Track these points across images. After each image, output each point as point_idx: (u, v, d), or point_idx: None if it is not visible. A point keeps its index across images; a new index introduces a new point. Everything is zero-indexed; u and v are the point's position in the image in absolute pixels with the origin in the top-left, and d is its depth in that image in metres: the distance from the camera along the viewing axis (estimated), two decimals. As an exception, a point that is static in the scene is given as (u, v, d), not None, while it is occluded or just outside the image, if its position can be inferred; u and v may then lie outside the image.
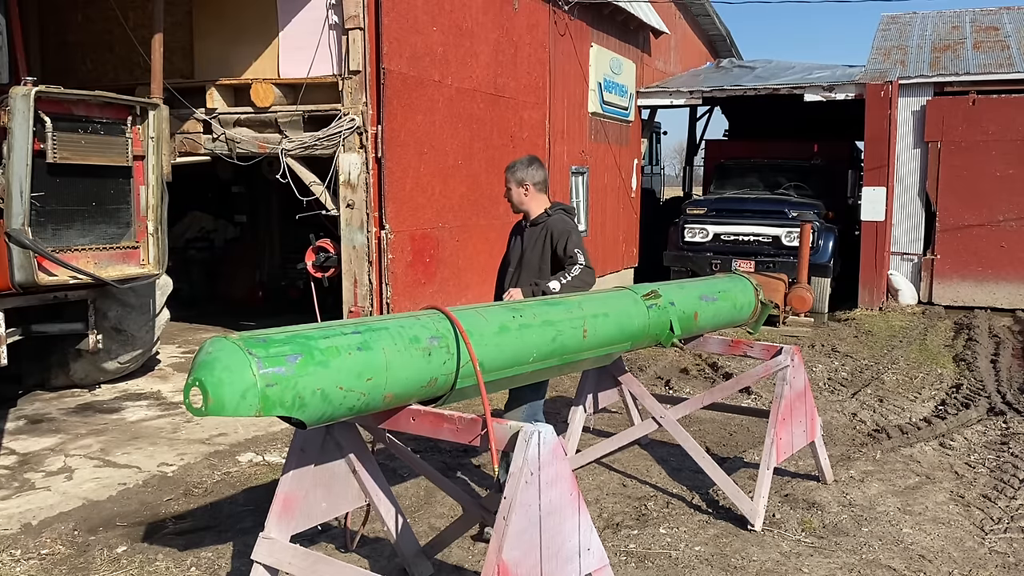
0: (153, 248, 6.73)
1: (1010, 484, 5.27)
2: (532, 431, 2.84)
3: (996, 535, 4.58)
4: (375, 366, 2.88)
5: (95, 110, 6.25)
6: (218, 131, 8.37)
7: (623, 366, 5.28)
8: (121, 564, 4.15)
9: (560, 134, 11.66)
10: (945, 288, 12.73)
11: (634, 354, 8.76)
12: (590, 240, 12.86)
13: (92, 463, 5.66)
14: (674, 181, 31.73)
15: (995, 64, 12.98)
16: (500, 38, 9.95)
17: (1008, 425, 6.56)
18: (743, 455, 5.90)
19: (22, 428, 6.43)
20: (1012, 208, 12.26)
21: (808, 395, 5.16)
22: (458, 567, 4.10)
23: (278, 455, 5.71)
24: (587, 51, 12.49)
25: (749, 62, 17.54)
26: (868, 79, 12.78)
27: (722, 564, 4.20)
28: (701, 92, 14.32)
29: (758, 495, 4.67)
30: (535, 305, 3.78)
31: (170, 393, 7.42)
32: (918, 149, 12.79)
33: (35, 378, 7.42)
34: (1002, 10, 15.61)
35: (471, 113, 9.43)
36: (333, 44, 8.00)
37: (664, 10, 15.40)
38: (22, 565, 4.13)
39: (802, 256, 11.18)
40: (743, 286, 5.32)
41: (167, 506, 4.92)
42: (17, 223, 5.67)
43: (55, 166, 5.92)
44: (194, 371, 2.64)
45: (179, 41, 8.71)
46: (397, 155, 8.16)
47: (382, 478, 3.67)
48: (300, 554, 3.34)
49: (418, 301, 8.50)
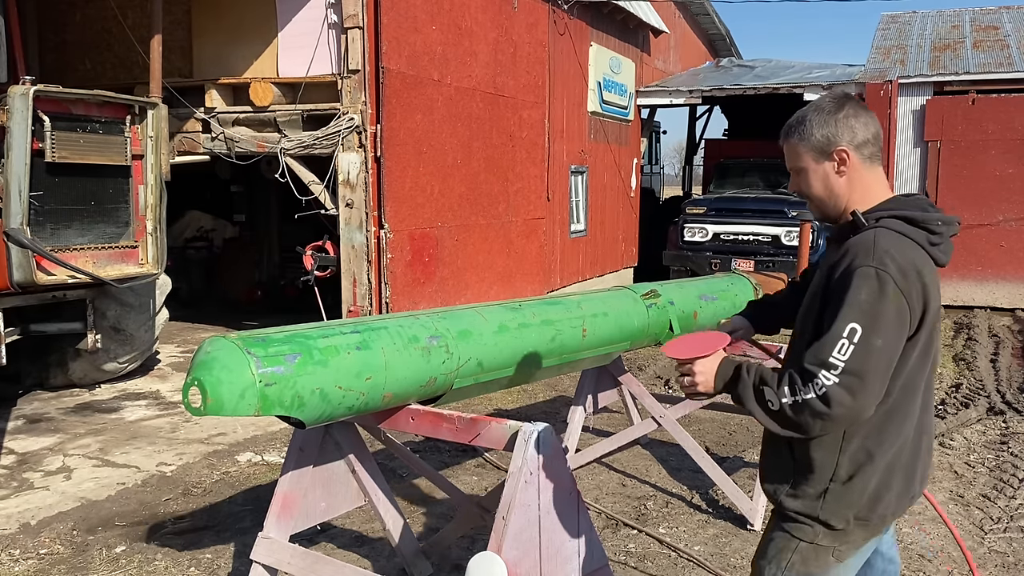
0: (152, 247, 6.72)
1: (1009, 484, 5.27)
2: (532, 431, 2.84)
3: (995, 535, 4.57)
4: (374, 365, 2.87)
5: (94, 109, 6.24)
6: (217, 130, 8.36)
7: (623, 366, 5.28)
8: (120, 564, 4.14)
9: (559, 133, 11.65)
10: (945, 287, 12.71)
11: (634, 353, 8.76)
12: (589, 240, 12.87)
13: (91, 463, 5.65)
14: (674, 180, 31.75)
15: (995, 63, 12.98)
16: (499, 37, 9.94)
17: (1008, 425, 6.55)
18: (743, 455, 5.90)
19: (21, 428, 6.42)
20: (1012, 208, 12.26)
21: (808, 395, 5.14)
22: (458, 567, 4.09)
23: (277, 455, 5.70)
24: (586, 50, 12.48)
25: (749, 61, 17.54)
26: (868, 78, 12.78)
27: (722, 564, 4.20)
28: (701, 91, 14.31)
29: (757, 495, 4.66)
30: (534, 304, 3.77)
31: (169, 393, 7.41)
32: (918, 148, 12.78)
33: (34, 378, 7.41)
34: (1002, 9, 15.60)
35: (470, 112, 9.42)
36: (332, 43, 8.00)
37: (664, 9, 15.39)
38: (21, 565, 4.13)
39: (802, 255, 11.15)
40: (743, 285, 5.32)
41: (166, 506, 4.91)
42: (16, 222, 5.66)
43: (54, 165, 5.92)
44: (193, 371, 2.64)
45: (178, 40, 8.70)
46: (396, 154, 8.16)
47: (381, 478, 3.67)
48: (299, 554, 3.33)
49: (417, 300, 8.50)
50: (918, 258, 2.02)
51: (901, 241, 2.02)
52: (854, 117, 2.12)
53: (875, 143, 2.15)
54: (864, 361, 1.93)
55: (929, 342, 2.08)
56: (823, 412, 1.94)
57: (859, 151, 2.12)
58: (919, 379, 2.10)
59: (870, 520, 2.11)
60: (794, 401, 1.97)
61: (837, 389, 1.92)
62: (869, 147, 2.13)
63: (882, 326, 1.94)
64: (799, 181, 2.22)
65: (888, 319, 1.94)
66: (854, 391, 1.92)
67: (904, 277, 1.96)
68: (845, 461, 2.08)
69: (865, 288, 1.95)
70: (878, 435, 2.08)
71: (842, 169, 2.13)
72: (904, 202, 2.12)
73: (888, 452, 2.09)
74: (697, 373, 2.15)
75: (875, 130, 2.15)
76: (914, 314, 1.99)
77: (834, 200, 2.16)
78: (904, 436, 2.11)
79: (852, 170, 2.13)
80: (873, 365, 1.93)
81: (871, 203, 2.12)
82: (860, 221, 2.08)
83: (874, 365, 1.94)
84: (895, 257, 1.97)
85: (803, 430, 2.00)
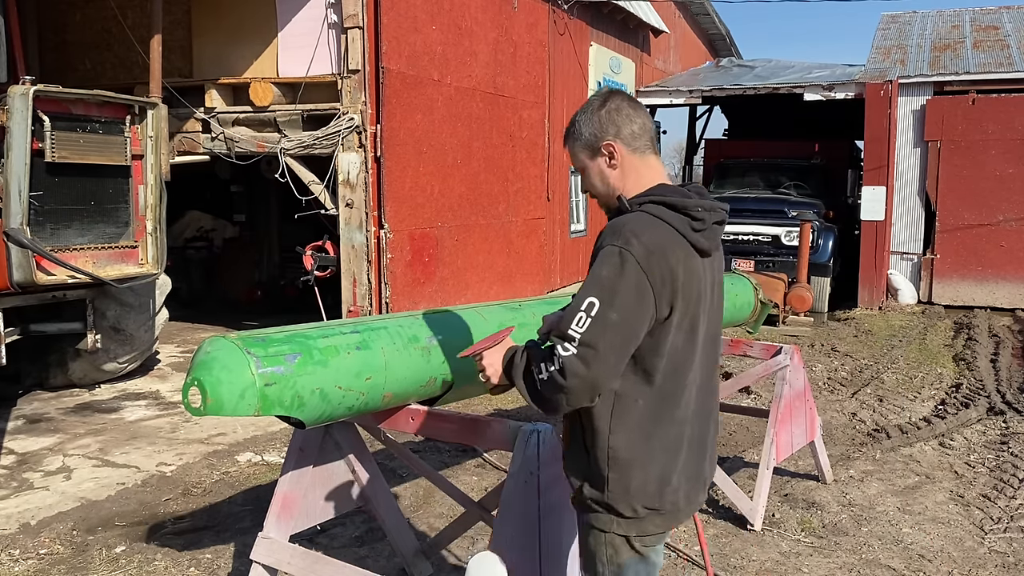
0: (152, 247, 6.72)
1: (1010, 484, 5.26)
2: (531, 431, 2.83)
3: (996, 535, 4.57)
4: (374, 365, 2.87)
5: (94, 109, 6.24)
6: (217, 130, 8.36)
7: (623, 365, 5.26)
8: (120, 564, 4.14)
9: (559, 133, 11.63)
10: (945, 287, 12.72)
11: (633, 353, 8.74)
12: (589, 240, 12.86)
13: (91, 463, 5.65)
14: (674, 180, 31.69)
15: (995, 63, 12.98)
16: (499, 37, 9.94)
17: (1008, 425, 6.55)
18: (743, 455, 5.90)
19: (21, 428, 6.42)
20: (1012, 208, 12.25)
21: (808, 395, 5.15)
22: (458, 567, 4.09)
23: (277, 455, 5.70)
24: (586, 50, 12.49)
25: (749, 61, 17.54)
26: (868, 78, 12.77)
27: (722, 564, 4.20)
28: (701, 91, 14.31)
29: (758, 495, 4.66)
30: (534, 304, 3.77)
31: (169, 393, 7.41)
32: (918, 148, 12.78)
33: (34, 378, 7.41)
34: (1002, 9, 15.61)
35: (470, 112, 9.42)
36: (332, 43, 8.00)
37: (664, 9, 15.39)
38: (21, 565, 4.13)
39: (802, 255, 11.17)
40: (743, 285, 5.32)
41: (166, 506, 4.91)
42: (16, 222, 5.66)
43: (54, 165, 5.91)
44: (193, 371, 2.63)
45: (178, 40, 8.70)
46: (396, 154, 8.15)
47: (381, 478, 3.67)
48: (299, 554, 3.33)
49: (417, 300, 8.49)
50: (669, 241, 2.05)
51: (654, 223, 2.07)
52: (616, 111, 2.19)
53: (642, 134, 2.20)
54: (599, 334, 1.97)
55: (693, 327, 2.11)
56: (562, 384, 1.99)
57: (626, 143, 2.19)
58: (687, 363, 2.13)
59: (662, 508, 2.13)
60: (548, 375, 2.02)
61: (572, 360, 1.98)
62: (637, 139, 2.19)
63: (619, 301, 1.98)
64: (583, 181, 2.29)
65: (626, 295, 1.98)
66: (588, 362, 1.97)
67: (647, 257, 2.00)
68: (621, 446, 2.10)
69: (607, 265, 2.01)
70: (653, 420, 2.11)
71: (613, 162, 2.20)
72: (668, 189, 2.17)
73: (666, 436, 2.12)
74: (487, 366, 2.22)
75: (641, 122, 2.21)
76: (659, 294, 2.02)
77: (611, 192, 2.22)
78: (682, 420, 2.14)
79: (622, 161, 2.19)
80: (609, 338, 1.98)
81: (641, 191, 2.18)
82: (624, 206, 2.15)
83: (610, 338, 1.98)
84: (641, 237, 2.01)
85: (554, 405, 2.05)
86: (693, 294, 2.09)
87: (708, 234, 2.12)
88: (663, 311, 2.04)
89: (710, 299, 2.18)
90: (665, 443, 2.13)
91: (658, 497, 2.13)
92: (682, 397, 2.13)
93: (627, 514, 2.12)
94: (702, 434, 2.22)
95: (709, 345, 2.20)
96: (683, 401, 2.14)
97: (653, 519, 2.14)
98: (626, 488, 2.11)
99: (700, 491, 2.25)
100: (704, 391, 2.20)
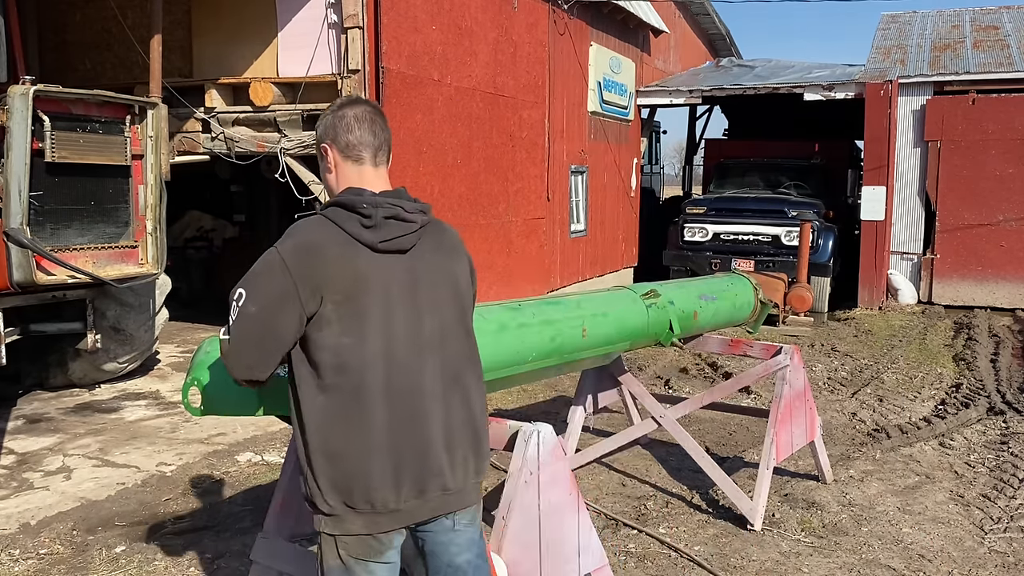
0: (152, 247, 6.71)
1: (1010, 484, 5.27)
2: (532, 431, 2.84)
3: (996, 535, 4.57)
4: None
5: (94, 109, 6.23)
6: (217, 130, 8.36)
7: (623, 365, 5.28)
8: (120, 564, 4.14)
9: (559, 133, 11.65)
10: (945, 287, 12.72)
11: (634, 353, 8.76)
12: (589, 240, 12.87)
13: (91, 463, 5.65)
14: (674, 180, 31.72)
15: (995, 63, 12.98)
16: (499, 37, 9.94)
17: (1008, 425, 6.55)
18: (743, 455, 5.90)
19: (21, 428, 6.42)
20: (1012, 208, 12.26)
21: (808, 395, 5.15)
22: (457, 567, 4.08)
23: (277, 455, 5.70)
24: (586, 50, 12.48)
25: (749, 61, 17.54)
26: (868, 78, 12.77)
27: (722, 564, 4.20)
28: (701, 91, 14.31)
29: (758, 495, 4.66)
30: (534, 304, 3.77)
31: (169, 393, 7.41)
32: (918, 148, 12.78)
33: (34, 378, 7.41)
34: (1002, 9, 15.61)
35: (470, 112, 9.42)
36: (332, 43, 7.99)
37: (664, 9, 15.39)
38: (21, 565, 4.13)
39: (802, 255, 11.17)
40: (743, 285, 5.32)
41: (166, 506, 4.91)
42: (15, 222, 5.65)
43: (53, 165, 5.91)
44: (192, 371, 2.63)
45: (178, 40, 8.69)
46: (396, 154, 8.11)
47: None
48: (299, 554, 3.33)
49: (417, 300, 8.48)
50: (328, 238, 2.10)
51: (318, 223, 2.14)
52: (340, 119, 2.25)
53: (359, 146, 2.23)
54: (237, 324, 2.11)
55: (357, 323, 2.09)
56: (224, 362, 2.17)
57: (341, 150, 2.24)
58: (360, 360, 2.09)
59: (357, 505, 2.12)
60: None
61: (224, 343, 2.15)
62: (352, 149, 2.23)
63: (258, 295, 2.09)
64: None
65: (265, 291, 2.08)
66: (227, 352, 2.14)
67: (295, 253, 2.08)
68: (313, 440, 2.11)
69: (260, 262, 2.14)
70: (331, 419, 2.09)
71: (327, 164, 2.27)
72: (347, 191, 2.19)
73: (352, 435, 2.09)
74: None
75: (360, 135, 2.22)
76: (303, 289, 2.05)
77: (329, 191, 2.28)
78: (368, 420, 2.09)
79: (336, 167, 2.26)
80: (244, 330, 2.10)
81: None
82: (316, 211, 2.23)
83: (246, 330, 2.10)
84: (295, 237, 2.12)
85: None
86: (360, 290, 2.08)
87: (381, 231, 2.12)
88: (311, 306, 2.06)
89: (410, 295, 2.16)
90: (357, 443, 2.09)
91: (350, 493, 2.11)
92: (363, 397, 2.08)
93: (324, 510, 2.13)
94: (410, 437, 2.13)
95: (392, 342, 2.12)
96: (368, 398, 2.08)
97: (351, 518, 2.12)
98: (320, 482, 2.11)
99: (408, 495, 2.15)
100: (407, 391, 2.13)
